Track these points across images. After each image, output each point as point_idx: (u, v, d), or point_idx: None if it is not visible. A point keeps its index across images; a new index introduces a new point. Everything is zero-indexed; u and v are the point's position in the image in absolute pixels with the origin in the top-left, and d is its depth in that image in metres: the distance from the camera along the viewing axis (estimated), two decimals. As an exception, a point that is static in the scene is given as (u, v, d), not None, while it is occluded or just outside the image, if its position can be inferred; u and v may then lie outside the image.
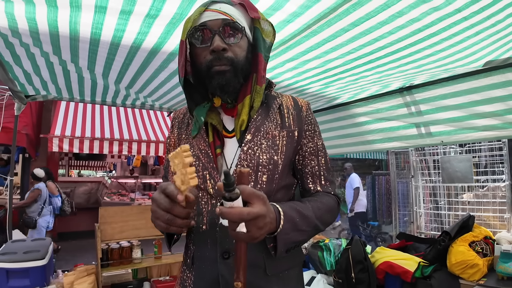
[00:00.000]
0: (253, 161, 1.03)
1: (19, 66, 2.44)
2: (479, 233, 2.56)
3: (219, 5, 1.03)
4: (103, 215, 2.79)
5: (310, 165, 1.15)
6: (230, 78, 1.02)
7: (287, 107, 1.16)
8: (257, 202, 0.79)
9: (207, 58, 1.01)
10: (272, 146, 1.07)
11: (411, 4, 1.43)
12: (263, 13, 1.08)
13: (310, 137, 1.16)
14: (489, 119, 2.45)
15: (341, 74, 2.27)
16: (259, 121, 1.09)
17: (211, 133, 1.10)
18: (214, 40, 0.99)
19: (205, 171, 1.05)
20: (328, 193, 1.13)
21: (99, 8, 1.54)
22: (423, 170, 3.68)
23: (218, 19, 1.00)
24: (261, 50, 1.08)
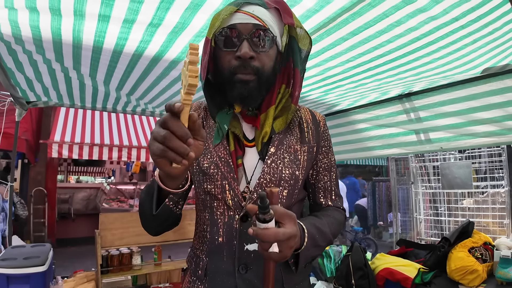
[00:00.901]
0: (276, 176, 1.01)
1: (21, 72, 2.45)
2: (479, 239, 2.57)
3: (253, 7, 0.95)
4: (103, 221, 2.79)
5: (323, 180, 1.16)
6: (253, 90, 0.96)
7: (306, 121, 1.14)
8: (289, 222, 0.79)
9: (232, 64, 0.95)
10: (294, 161, 1.05)
11: (409, 13, 1.45)
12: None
13: (325, 153, 1.16)
14: (488, 125, 2.47)
15: (341, 82, 2.30)
16: (281, 134, 1.06)
17: (232, 141, 1.04)
18: (242, 46, 0.93)
19: (224, 180, 1.00)
20: (338, 207, 1.16)
21: (103, 17, 1.56)
22: (423, 176, 3.70)
23: (249, 24, 0.93)
24: (297, 64, 1.02)
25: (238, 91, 0.95)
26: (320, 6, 1.37)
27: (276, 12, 0.99)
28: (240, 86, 0.95)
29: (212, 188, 1.02)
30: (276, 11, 0.99)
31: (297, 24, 1.00)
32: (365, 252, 2.63)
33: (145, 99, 2.98)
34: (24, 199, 7.53)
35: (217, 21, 0.95)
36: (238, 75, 0.94)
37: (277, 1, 1.00)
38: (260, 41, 0.94)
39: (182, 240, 3.10)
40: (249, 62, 0.93)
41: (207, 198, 1.05)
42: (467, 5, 1.44)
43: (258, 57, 0.95)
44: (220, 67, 0.98)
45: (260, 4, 0.96)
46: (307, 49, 1.04)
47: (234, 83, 0.95)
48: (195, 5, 1.40)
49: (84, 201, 10.24)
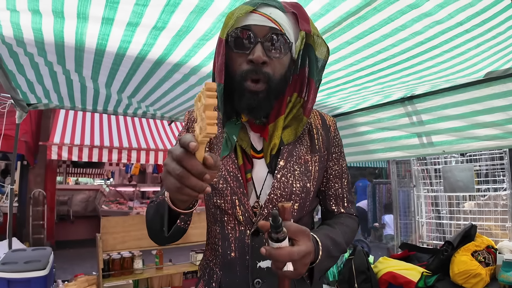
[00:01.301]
0: (287, 190, 0.97)
1: (22, 74, 2.44)
2: (481, 243, 2.56)
3: (270, 9, 0.90)
4: (105, 225, 2.78)
5: (334, 187, 1.12)
6: (262, 101, 0.91)
7: (316, 127, 1.09)
8: (302, 239, 0.77)
9: (243, 67, 0.90)
10: (305, 173, 1.01)
11: (414, 18, 1.45)
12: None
13: (336, 160, 1.12)
14: (490, 128, 2.46)
15: (344, 85, 2.29)
16: (291, 144, 1.02)
17: (240, 154, 1.01)
18: (255, 49, 0.87)
19: (234, 196, 0.97)
20: (350, 214, 1.13)
21: (106, 20, 1.55)
22: (425, 179, 3.69)
23: (265, 26, 0.88)
24: (313, 74, 0.97)
25: (247, 101, 0.91)
26: (326, 10, 1.37)
27: (293, 17, 0.95)
28: (249, 96, 0.90)
29: (222, 203, 0.99)
30: (293, 16, 0.94)
31: (314, 31, 0.94)
32: (367, 255, 2.63)
33: (146, 102, 2.97)
34: (23, 201, 7.52)
35: (231, 20, 0.90)
36: (248, 83, 0.89)
37: (294, 5, 0.96)
38: (275, 45, 0.89)
39: (183, 244, 3.08)
40: (261, 67, 0.88)
41: (217, 212, 1.03)
42: (472, 9, 1.43)
43: (271, 62, 0.90)
44: (231, 71, 0.93)
45: (277, 6, 0.91)
46: (324, 58, 0.98)
47: (243, 92, 0.91)
48: (201, 9, 1.39)
49: (83, 203, 10.23)
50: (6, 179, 7.95)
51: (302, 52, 1.01)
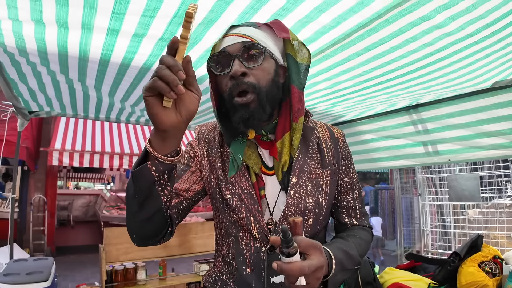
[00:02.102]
0: (300, 206, 1.00)
1: (24, 83, 2.42)
2: (488, 253, 2.54)
3: (240, 28, 0.96)
4: (108, 236, 2.74)
5: (346, 199, 1.13)
6: (255, 110, 0.92)
7: (325, 141, 1.11)
8: (314, 253, 0.78)
9: (228, 86, 0.94)
10: (317, 188, 1.03)
11: (425, 30, 1.43)
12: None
13: (347, 172, 1.13)
14: (496, 138, 2.45)
15: (350, 95, 2.27)
16: (301, 160, 1.04)
17: (253, 171, 1.02)
18: (232, 65, 0.91)
19: (249, 213, 0.99)
20: (364, 226, 1.13)
21: (112, 31, 1.53)
22: (430, 188, 3.66)
23: (237, 43, 0.93)
24: (293, 80, 0.99)
25: (239, 115, 0.93)
26: (337, 22, 1.35)
27: (268, 29, 0.99)
28: (240, 109, 0.93)
29: (237, 219, 1.01)
30: (268, 28, 0.99)
31: (292, 37, 0.97)
32: (373, 266, 2.59)
33: (150, 110, 2.94)
34: (24, 207, 7.49)
35: (212, 51, 0.98)
36: (236, 99, 0.93)
37: (271, 21, 1.00)
38: (251, 56, 0.93)
39: (187, 255, 3.05)
40: (242, 79, 0.91)
41: (231, 227, 1.04)
42: (482, 21, 1.42)
43: (252, 72, 0.93)
44: (221, 93, 0.98)
45: (249, 25, 0.98)
46: (307, 63, 1.01)
47: (235, 107, 0.94)
48: (209, 21, 1.37)
49: (83, 208, 10.20)
50: (7, 183, 7.92)
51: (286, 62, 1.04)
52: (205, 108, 2.81)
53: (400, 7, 1.27)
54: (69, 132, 6.62)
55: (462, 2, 1.27)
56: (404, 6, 1.27)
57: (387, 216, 6.74)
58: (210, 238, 3.22)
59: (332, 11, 1.27)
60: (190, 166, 1.11)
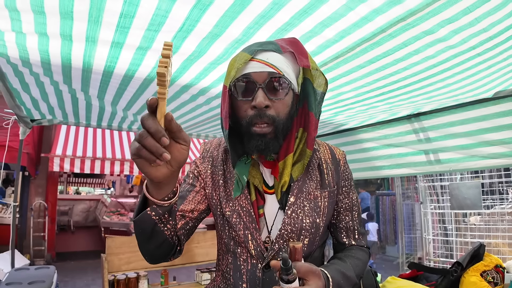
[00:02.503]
0: (297, 225, 1.01)
1: (27, 93, 2.42)
2: (490, 262, 2.53)
3: (267, 54, 0.94)
4: (110, 245, 2.73)
5: (345, 220, 1.15)
6: (270, 141, 0.95)
7: (326, 162, 1.12)
8: (313, 278, 0.81)
9: (248, 114, 0.95)
10: (314, 209, 1.05)
11: (428, 43, 1.44)
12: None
13: (346, 193, 1.15)
14: (498, 147, 2.45)
15: (352, 105, 2.28)
16: (301, 181, 1.05)
17: (253, 189, 1.04)
18: (257, 96, 0.92)
19: (247, 230, 1.01)
20: (362, 246, 1.15)
21: (116, 44, 1.53)
22: (432, 196, 3.66)
23: (264, 72, 0.93)
24: (311, 107, 1.00)
25: (256, 143, 0.95)
26: (340, 36, 1.36)
27: (291, 55, 0.99)
28: (257, 138, 0.95)
29: (235, 236, 1.04)
30: (291, 54, 0.99)
31: (312, 65, 0.98)
32: (375, 275, 2.58)
33: (152, 118, 2.94)
34: (24, 212, 7.47)
35: (232, 70, 0.95)
36: (255, 128, 0.94)
37: (292, 41, 1.01)
38: (276, 89, 0.94)
39: (189, 264, 3.05)
40: (265, 111, 0.93)
41: (231, 243, 1.07)
42: (485, 34, 1.43)
43: (274, 105, 0.94)
44: (238, 117, 0.98)
45: (274, 49, 0.96)
46: (323, 90, 1.02)
47: (251, 135, 0.95)
48: (214, 35, 1.38)
49: (84, 213, 10.18)
50: (7, 188, 7.90)
51: (302, 86, 1.05)
52: (206, 118, 2.82)
53: (403, 21, 1.28)
54: (70, 138, 6.62)
55: (465, 16, 1.28)
56: (408, 21, 1.28)
57: (388, 222, 6.72)
58: (212, 247, 3.21)
59: (337, 25, 1.28)
60: (194, 186, 1.13)
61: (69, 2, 1.21)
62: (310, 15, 1.23)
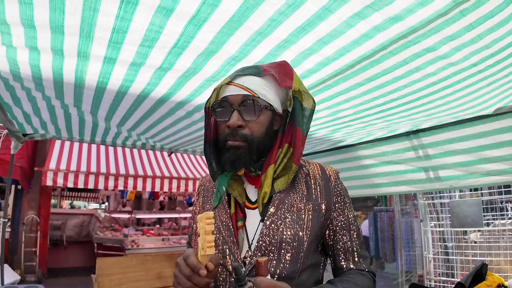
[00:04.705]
0: (276, 237, 0.97)
1: (18, 107, 2.37)
2: (493, 281, 2.47)
3: (244, 78, 1.01)
4: (101, 266, 2.64)
5: (342, 240, 1.07)
6: (242, 155, 0.98)
7: (314, 177, 1.09)
8: None
9: (224, 132, 1.01)
10: (297, 221, 1.00)
11: (429, 60, 1.41)
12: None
13: (340, 210, 1.08)
14: (498, 163, 2.41)
15: (351, 122, 2.24)
16: (283, 193, 1.02)
17: (233, 204, 1.05)
18: (231, 117, 0.98)
19: (225, 245, 0.99)
20: (362, 270, 1.05)
21: (109, 60, 1.49)
22: (432, 214, 3.60)
23: (238, 95, 0.99)
24: (299, 123, 1.04)
25: (227, 156, 0.99)
26: (340, 54, 1.32)
27: (272, 78, 1.03)
28: (230, 151, 0.99)
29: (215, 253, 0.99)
30: (272, 77, 1.03)
31: (295, 86, 1.02)
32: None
33: (146, 134, 2.90)
34: (16, 227, 7.33)
35: (214, 92, 1.04)
36: (229, 142, 0.99)
37: (279, 64, 1.05)
38: (249, 110, 0.99)
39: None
40: (238, 131, 0.98)
41: None
42: (487, 51, 1.41)
43: (248, 125, 0.99)
44: (218, 135, 1.05)
45: (254, 73, 1.02)
46: (311, 108, 1.05)
47: (226, 149, 1.00)
48: (209, 52, 1.34)
49: (77, 227, 10.00)
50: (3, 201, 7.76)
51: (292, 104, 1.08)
52: (202, 134, 2.77)
53: (405, 39, 1.25)
54: (65, 152, 6.53)
55: (468, 33, 1.26)
56: (409, 38, 1.24)
57: (387, 239, 6.63)
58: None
59: (336, 43, 1.25)
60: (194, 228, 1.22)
61: (59, 16, 1.17)
62: (308, 32, 1.20)
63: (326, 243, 1.09)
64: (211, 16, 1.14)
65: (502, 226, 3.27)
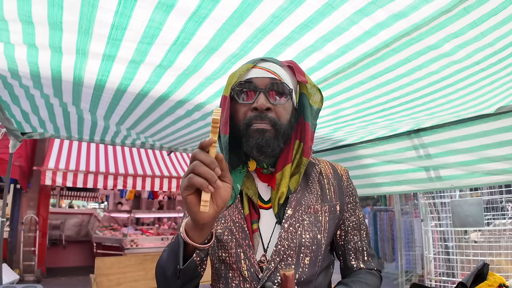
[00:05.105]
0: (295, 241, 0.93)
1: (17, 105, 2.35)
2: (494, 281, 2.46)
3: (268, 63, 0.98)
4: (99, 266, 2.62)
5: (353, 240, 1.07)
6: (270, 139, 0.92)
7: (327, 176, 1.07)
8: None
9: (248, 115, 0.94)
10: (315, 223, 0.97)
11: (432, 58, 1.40)
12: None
13: (352, 210, 1.07)
14: (500, 163, 2.39)
15: (352, 121, 2.23)
16: (299, 193, 0.99)
17: (247, 203, 0.99)
18: (258, 98, 0.93)
19: (239, 248, 0.94)
20: (371, 269, 1.06)
21: (108, 57, 1.47)
22: (432, 213, 3.58)
23: (265, 77, 0.95)
24: (308, 118, 1.00)
25: (255, 140, 0.92)
26: (342, 52, 1.30)
27: (289, 70, 1.01)
28: (256, 136, 0.92)
29: (226, 257, 0.95)
30: (289, 69, 1.01)
31: (309, 82, 1.01)
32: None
33: (146, 133, 2.88)
34: (15, 226, 7.30)
35: (234, 78, 0.97)
36: (255, 124, 0.92)
37: (290, 62, 1.03)
38: (277, 93, 0.95)
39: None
40: (266, 113, 0.93)
41: (221, 267, 0.98)
42: (490, 49, 1.39)
43: (275, 108, 0.94)
44: (236, 121, 0.97)
45: (275, 61, 0.99)
46: (318, 106, 1.03)
47: (250, 134, 0.93)
48: (210, 49, 1.32)
49: (76, 227, 10.00)
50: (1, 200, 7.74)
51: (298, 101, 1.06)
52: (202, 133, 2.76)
53: (408, 36, 1.23)
54: (64, 151, 6.52)
55: (471, 31, 1.24)
56: (413, 35, 1.23)
57: (387, 239, 6.62)
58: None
59: (338, 40, 1.23)
60: None
61: (58, 12, 1.15)
62: (311, 29, 1.18)
63: (336, 242, 1.08)
64: (211, 13, 1.12)
65: (503, 226, 3.26)
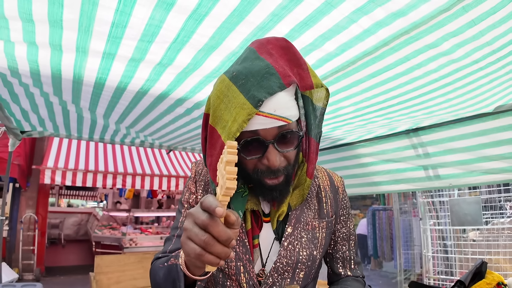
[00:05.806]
0: (293, 258, 0.95)
1: (16, 104, 2.36)
2: (492, 280, 2.46)
3: (272, 103, 0.79)
4: (99, 264, 2.62)
5: (342, 250, 1.11)
6: (284, 189, 0.89)
7: (325, 189, 1.07)
8: None
9: (258, 168, 0.87)
10: (312, 240, 0.99)
11: (431, 57, 1.40)
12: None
13: (344, 222, 1.11)
14: (498, 162, 2.40)
15: (351, 120, 2.23)
16: (299, 209, 0.99)
17: (249, 217, 0.96)
18: (268, 154, 0.83)
19: (239, 262, 0.94)
20: (357, 277, 1.11)
21: (108, 55, 1.48)
22: (431, 212, 3.59)
23: (273, 128, 0.82)
24: (311, 132, 0.92)
25: (270, 196, 0.89)
26: (341, 50, 1.31)
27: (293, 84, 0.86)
28: (269, 192, 0.88)
29: (226, 268, 0.95)
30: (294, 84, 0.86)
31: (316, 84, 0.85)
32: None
33: (145, 132, 2.88)
34: (14, 225, 7.30)
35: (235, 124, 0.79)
36: (267, 180, 0.87)
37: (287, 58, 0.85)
38: (288, 142, 0.85)
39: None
40: (278, 168, 0.85)
41: (219, 275, 0.98)
42: (489, 48, 1.40)
43: (285, 155, 0.87)
44: (246, 169, 0.89)
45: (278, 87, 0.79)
46: (323, 105, 0.91)
47: (263, 188, 0.88)
48: (210, 47, 1.32)
49: (75, 226, 10.00)
50: (0, 199, 7.73)
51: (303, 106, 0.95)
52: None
53: (407, 34, 1.24)
54: (63, 150, 6.51)
55: (470, 29, 1.25)
56: (411, 34, 1.23)
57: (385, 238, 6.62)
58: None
59: (338, 39, 1.24)
60: None
61: (58, 9, 1.15)
62: (310, 27, 1.19)
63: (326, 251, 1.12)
64: (212, 11, 1.12)
65: (501, 225, 3.27)
